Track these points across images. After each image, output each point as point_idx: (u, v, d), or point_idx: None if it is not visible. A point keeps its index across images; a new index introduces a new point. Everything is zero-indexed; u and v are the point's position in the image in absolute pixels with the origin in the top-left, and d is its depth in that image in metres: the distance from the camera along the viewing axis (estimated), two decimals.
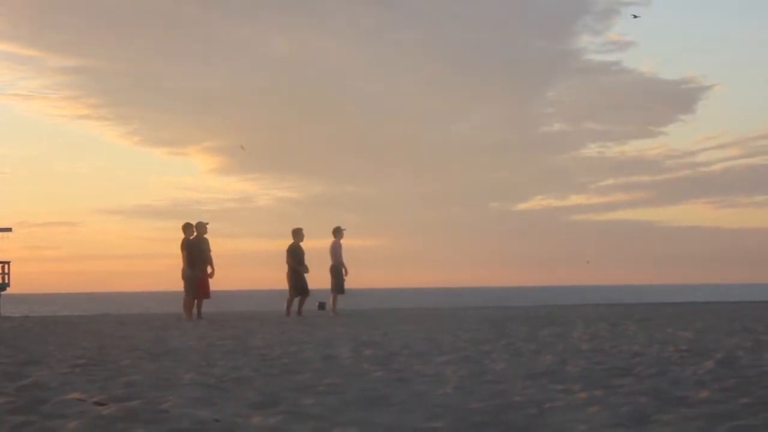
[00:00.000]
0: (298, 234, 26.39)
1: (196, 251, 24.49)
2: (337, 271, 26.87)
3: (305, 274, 26.13)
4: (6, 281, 52.60)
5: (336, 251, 26.94)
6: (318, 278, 27.18)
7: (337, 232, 27.06)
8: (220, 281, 26.91)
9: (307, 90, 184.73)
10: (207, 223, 24.99)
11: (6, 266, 52.66)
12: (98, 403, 7.67)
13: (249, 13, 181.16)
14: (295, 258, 26.07)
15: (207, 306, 25.85)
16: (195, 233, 24.71)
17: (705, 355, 11.33)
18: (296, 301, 26.27)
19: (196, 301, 24.74)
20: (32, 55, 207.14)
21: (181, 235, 24.62)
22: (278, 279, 26.63)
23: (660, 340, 14.11)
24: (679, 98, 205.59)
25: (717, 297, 58.65)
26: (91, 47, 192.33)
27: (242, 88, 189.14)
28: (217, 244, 25.65)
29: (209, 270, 24.78)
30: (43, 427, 6.57)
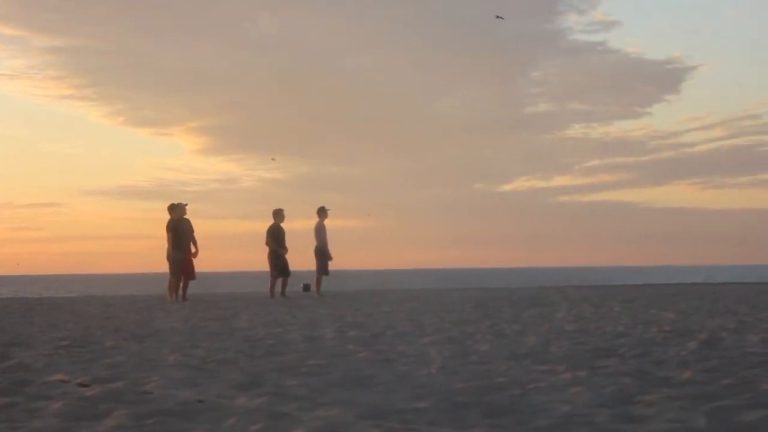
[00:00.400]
0: (278, 215, 26.36)
1: (180, 232, 24.46)
2: (321, 252, 26.85)
3: (285, 255, 26.14)
4: None
5: (320, 232, 26.91)
6: (303, 259, 27.19)
7: (322, 212, 27.01)
8: (204, 263, 27.00)
9: (293, 69, 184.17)
10: (186, 204, 24.93)
11: None
12: (82, 385, 7.67)
13: None
14: (276, 239, 26.07)
15: (192, 287, 25.83)
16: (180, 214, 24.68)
17: (688, 336, 11.37)
18: (279, 282, 26.28)
19: (181, 283, 24.73)
20: (17, 34, 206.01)
21: (167, 216, 24.57)
22: (263, 260, 26.63)
23: (643, 321, 14.15)
24: (664, 79, 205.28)
25: (701, 278, 58.86)
26: (76, 26, 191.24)
27: (227, 66, 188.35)
28: (202, 225, 25.70)
29: (194, 251, 24.77)
30: (27, 408, 6.57)
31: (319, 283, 27.19)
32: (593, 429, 5.70)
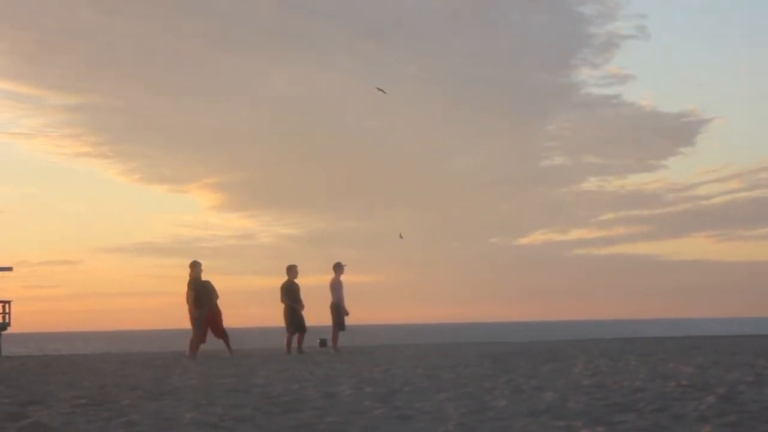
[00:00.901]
0: (291, 270, 26.38)
1: (203, 290, 24.64)
2: (337, 308, 26.80)
3: (301, 311, 26.12)
4: (6, 320, 52.49)
5: (336, 288, 26.87)
6: (319, 315, 27.15)
7: (338, 268, 26.98)
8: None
9: (307, 126, 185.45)
10: (200, 264, 25.14)
11: (6, 305, 52.53)
12: None
13: (248, 49, 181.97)
14: (290, 295, 26.07)
15: (207, 344, 25.82)
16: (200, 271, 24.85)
17: (707, 390, 11.31)
18: (295, 338, 26.25)
19: (222, 341, 25.13)
20: (33, 93, 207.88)
21: (184, 273, 24.68)
22: (279, 316, 26.60)
23: (661, 375, 14.08)
24: (678, 132, 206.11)
25: (718, 331, 58.55)
26: (92, 85, 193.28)
27: (242, 124, 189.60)
28: (219, 282, 25.69)
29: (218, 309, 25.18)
30: None
31: (335, 338, 27.14)
32: None
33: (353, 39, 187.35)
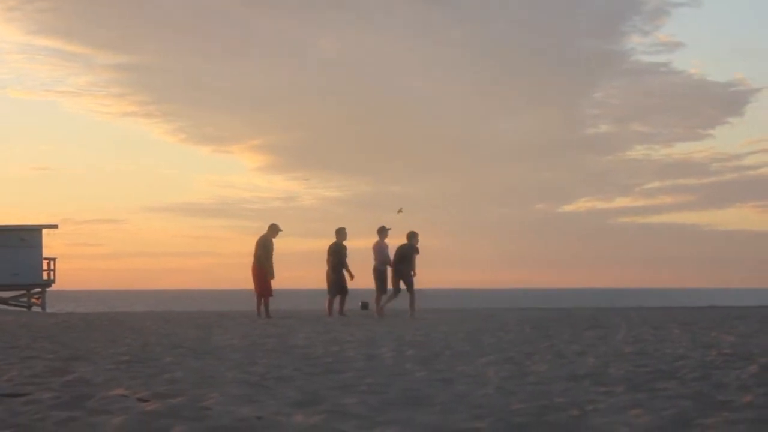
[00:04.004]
0: (341, 233, 26.28)
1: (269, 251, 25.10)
2: (380, 272, 26.67)
3: (348, 275, 26.02)
4: (52, 277, 53.01)
5: (380, 251, 26.70)
6: (361, 279, 27.08)
7: (382, 232, 26.84)
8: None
9: (354, 89, 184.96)
10: (281, 230, 25.47)
11: (52, 263, 53.05)
12: (141, 400, 7.72)
13: (297, 11, 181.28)
14: (338, 257, 25.97)
15: (249, 304, 25.97)
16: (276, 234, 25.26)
17: (749, 359, 11.24)
18: (337, 300, 26.24)
19: (262, 300, 25.11)
20: (80, 51, 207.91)
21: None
22: (322, 278, 26.61)
23: (704, 344, 14.02)
24: (727, 101, 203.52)
25: (762, 301, 58.19)
26: (140, 44, 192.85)
27: (289, 86, 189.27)
28: None
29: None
30: (87, 422, 6.63)
31: (378, 301, 27.01)
32: None
33: (402, 1, 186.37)
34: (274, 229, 25.96)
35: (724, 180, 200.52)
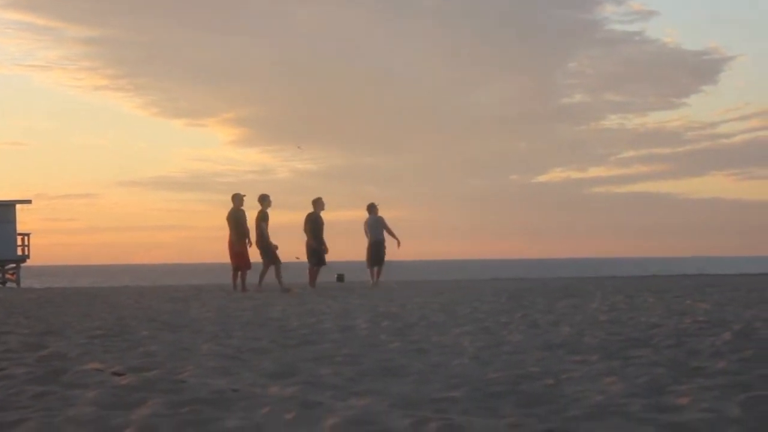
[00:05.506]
0: (318, 203, 26.20)
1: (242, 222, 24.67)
2: (376, 246, 26.80)
3: (322, 249, 25.95)
4: (26, 253, 52.82)
5: (372, 226, 26.80)
6: (338, 251, 27.08)
7: (372, 209, 26.94)
8: None
9: (327, 61, 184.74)
10: (244, 195, 25.05)
11: (26, 238, 52.85)
12: (116, 374, 7.72)
13: None
14: (314, 227, 25.90)
15: (223, 278, 25.90)
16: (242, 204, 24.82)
17: (723, 327, 11.30)
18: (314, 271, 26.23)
19: (239, 273, 24.80)
20: (51, 25, 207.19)
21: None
22: (296, 251, 26.57)
23: (677, 312, 14.09)
24: (701, 69, 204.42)
25: (736, 269, 58.53)
26: (110, 18, 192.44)
27: (262, 59, 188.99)
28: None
29: (248, 241, 24.81)
30: (62, 396, 6.62)
31: (375, 274, 27.07)
32: (626, 419, 5.69)
33: None
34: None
35: (699, 148, 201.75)
